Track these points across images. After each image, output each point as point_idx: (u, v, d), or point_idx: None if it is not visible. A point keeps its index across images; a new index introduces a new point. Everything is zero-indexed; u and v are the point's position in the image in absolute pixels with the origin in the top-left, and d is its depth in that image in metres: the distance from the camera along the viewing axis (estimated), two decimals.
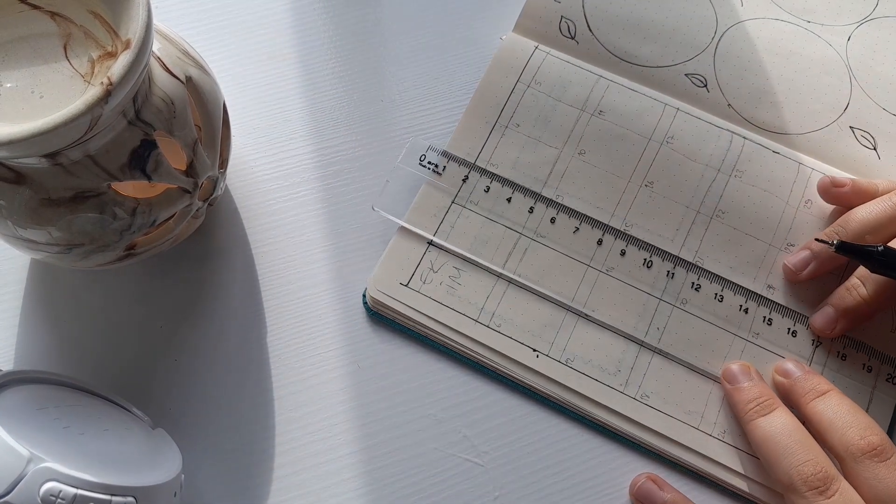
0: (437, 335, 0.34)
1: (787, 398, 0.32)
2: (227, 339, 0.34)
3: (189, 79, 0.29)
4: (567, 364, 0.33)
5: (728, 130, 0.37)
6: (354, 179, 0.37)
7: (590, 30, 0.39)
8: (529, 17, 0.39)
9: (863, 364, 0.33)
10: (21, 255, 0.35)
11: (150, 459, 0.28)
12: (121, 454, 0.27)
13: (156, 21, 0.26)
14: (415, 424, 0.33)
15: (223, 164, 0.32)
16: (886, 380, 0.33)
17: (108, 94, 0.23)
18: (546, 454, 0.33)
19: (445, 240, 0.35)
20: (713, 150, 0.36)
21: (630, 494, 0.32)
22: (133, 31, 0.24)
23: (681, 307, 0.34)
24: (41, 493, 0.23)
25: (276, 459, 0.32)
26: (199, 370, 0.33)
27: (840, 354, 0.33)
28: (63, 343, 0.34)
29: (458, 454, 0.33)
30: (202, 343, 0.34)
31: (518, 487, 0.32)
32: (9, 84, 0.25)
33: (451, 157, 0.36)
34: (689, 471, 0.32)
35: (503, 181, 0.36)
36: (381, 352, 0.34)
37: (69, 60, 0.26)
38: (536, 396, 0.33)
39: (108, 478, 0.24)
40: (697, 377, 0.33)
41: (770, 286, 0.35)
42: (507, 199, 0.35)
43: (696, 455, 0.32)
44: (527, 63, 0.38)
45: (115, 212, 0.27)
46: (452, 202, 0.35)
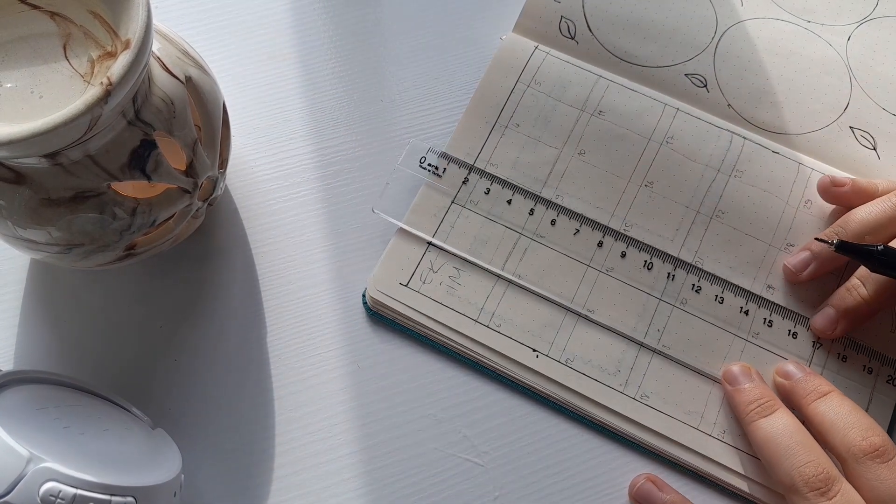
0: (437, 335, 0.34)
1: (788, 399, 0.32)
2: (227, 339, 0.34)
3: (189, 79, 0.29)
4: (567, 364, 0.33)
5: (728, 130, 0.37)
6: (354, 179, 0.37)
7: (590, 30, 0.39)
8: (529, 17, 0.39)
9: (863, 365, 0.33)
10: (21, 255, 0.35)
11: (150, 459, 0.28)
12: (121, 454, 0.27)
13: (156, 21, 0.26)
14: (415, 424, 0.33)
15: (223, 164, 0.32)
16: (887, 381, 0.33)
17: (108, 94, 0.23)
18: (546, 454, 0.33)
19: (445, 240, 0.35)
20: (713, 150, 0.36)
21: (629, 496, 0.32)
22: (133, 31, 0.24)
23: (681, 307, 0.34)
24: (41, 493, 0.23)
25: (276, 459, 0.32)
26: (199, 370, 0.33)
27: (840, 356, 0.33)
28: (63, 343, 0.34)
29: (458, 454, 0.33)
30: (202, 343, 0.34)
31: (518, 487, 0.32)
32: (9, 84, 0.25)
33: (451, 159, 0.36)
34: (689, 471, 0.32)
35: (503, 183, 0.36)
36: (381, 352, 0.34)
37: (69, 60, 0.26)
38: (536, 396, 0.33)
39: (108, 478, 0.24)
40: (697, 377, 0.33)
41: (770, 286, 0.35)
42: (508, 201, 0.35)
43: (696, 455, 0.32)
44: (527, 63, 0.38)
45: (115, 212, 0.27)
46: (452, 202, 0.35)
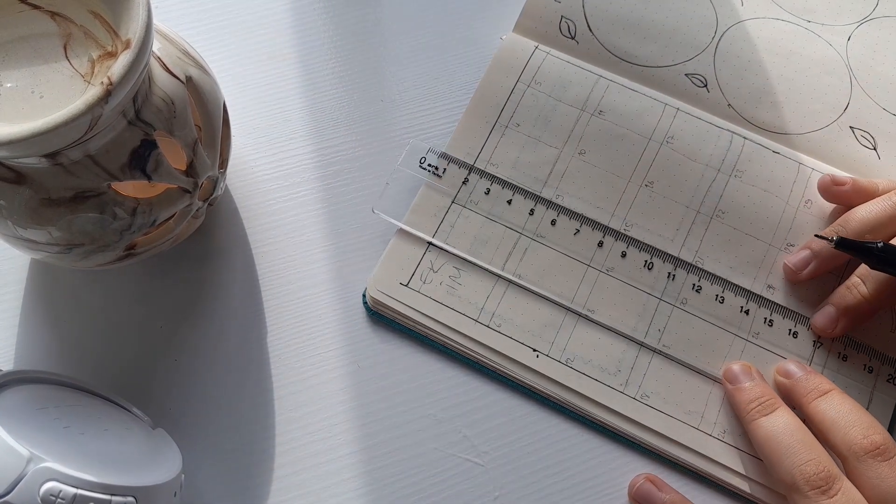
0: (437, 335, 0.34)
1: (789, 398, 0.32)
2: (227, 339, 0.34)
3: (189, 79, 0.29)
4: (567, 364, 0.33)
5: (728, 130, 0.37)
6: (354, 179, 0.37)
7: (590, 30, 0.39)
8: (529, 17, 0.39)
9: (864, 365, 0.33)
10: (21, 255, 0.35)
11: (150, 459, 0.28)
12: (121, 454, 0.27)
13: (156, 21, 0.26)
14: (415, 424, 0.33)
15: (223, 164, 0.32)
16: (887, 380, 0.33)
17: (108, 94, 0.23)
18: (546, 454, 0.33)
19: (445, 240, 0.35)
20: (713, 150, 0.36)
21: (629, 496, 0.32)
22: (133, 31, 0.24)
23: (681, 307, 0.34)
24: (41, 493, 0.23)
25: (276, 459, 0.32)
26: (199, 370, 0.33)
27: (841, 355, 0.33)
28: (63, 343, 0.34)
29: (458, 454, 0.33)
30: (202, 343, 0.34)
31: (518, 487, 0.32)
32: (9, 84, 0.25)
33: (451, 160, 0.36)
34: (689, 471, 0.32)
35: (503, 183, 0.36)
36: (381, 352, 0.34)
37: (69, 60, 0.26)
38: (536, 396, 0.33)
39: (108, 478, 0.24)
40: (697, 377, 0.33)
41: (770, 286, 0.35)
42: (508, 201, 0.35)
43: (696, 455, 0.32)
44: (527, 63, 0.38)
45: (115, 212, 0.27)
46: (452, 202, 0.35)
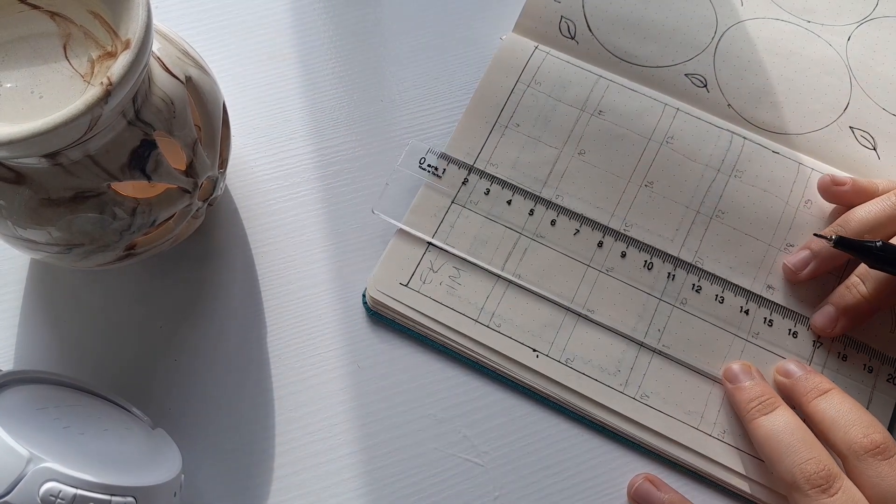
0: (437, 335, 0.34)
1: (789, 397, 0.32)
2: (227, 339, 0.34)
3: (189, 79, 0.29)
4: (567, 364, 0.33)
5: (728, 130, 0.37)
6: (354, 180, 0.37)
7: (590, 30, 0.39)
8: (529, 17, 0.39)
9: (863, 364, 0.33)
10: (21, 255, 0.35)
11: (150, 459, 0.28)
12: (121, 454, 0.27)
13: (156, 21, 0.26)
14: (415, 424, 0.33)
15: (223, 164, 0.32)
16: (887, 380, 0.33)
17: (108, 94, 0.23)
18: (546, 454, 0.33)
19: (445, 240, 0.35)
20: (713, 150, 0.36)
21: (628, 496, 0.32)
22: (133, 31, 0.24)
23: (681, 307, 0.34)
24: (41, 493, 0.23)
25: (276, 459, 0.32)
26: (199, 370, 0.33)
27: (841, 355, 0.33)
28: (63, 343, 0.34)
29: (458, 454, 0.33)
30: (202, 343, 0.34)
31: (518, 487, 0.32)
32: (9, 84, 0.25)
33: (451, 160, 0.36)
34: (689, 471, 0.32)
35: (503, 183, 0.36)
36: (381, 352, 0.34)
37: (69, 60, 0.26)
38: (536, 396, 0.33)
39: (108, 478, 0.24)
40: (697, 377, 0.33)
41: (770, 286, 0.35)
42: (508, 202, 0.35)
43: (696, 455, 0.32)
44: (527, 63, 0.38)
45: (115, 212, 0.27)
46: (452, 202, 0.35)
